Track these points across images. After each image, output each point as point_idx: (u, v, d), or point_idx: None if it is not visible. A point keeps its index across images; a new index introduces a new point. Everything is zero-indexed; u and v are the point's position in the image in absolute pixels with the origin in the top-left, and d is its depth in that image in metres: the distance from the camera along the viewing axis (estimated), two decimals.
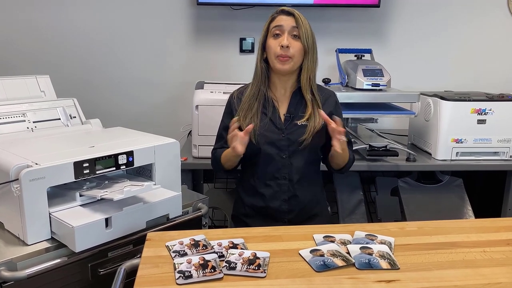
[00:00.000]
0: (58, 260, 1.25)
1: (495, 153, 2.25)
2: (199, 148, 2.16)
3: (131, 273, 1.22)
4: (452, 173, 2.47)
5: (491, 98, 2.22)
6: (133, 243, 1.42)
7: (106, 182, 1.47)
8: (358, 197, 2.50)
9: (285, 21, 1.55)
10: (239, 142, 1.47)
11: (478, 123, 2.20)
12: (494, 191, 2.41)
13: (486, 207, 2.43)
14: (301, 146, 1.57)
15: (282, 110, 1.63)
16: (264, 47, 1.61)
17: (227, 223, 2.49)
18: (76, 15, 2.71)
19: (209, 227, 1.74)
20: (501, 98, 2.22)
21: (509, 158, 2.25)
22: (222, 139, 1.70)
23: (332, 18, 2.76)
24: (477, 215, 2.33)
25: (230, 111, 1.69)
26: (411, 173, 2.47)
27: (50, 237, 1.29)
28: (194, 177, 2.28)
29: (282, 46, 1.53)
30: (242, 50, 2.79)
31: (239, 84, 2.32)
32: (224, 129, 1.70)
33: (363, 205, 2.48)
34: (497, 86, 2.77)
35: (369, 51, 2.55)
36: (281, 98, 1.64)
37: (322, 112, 1.51)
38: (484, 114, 2.19)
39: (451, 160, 2.24)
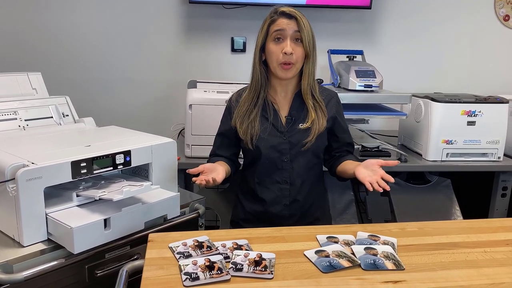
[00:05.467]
0: (55, 262, 1.22)
1: (484, 154, 2.29)
2: (192, 147, 2.14)
3: (131, 274, 1.20)
4: (440, 174, 2.51)
5: (480, 100, 2.25)
6: (131, 244, 1.39)
7: (103, 182, 1.44)
8: (348, 197, 2.51)
9: (287, 25, 1.48)
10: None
11: (468, 125, 2.23)
12: (481, 191, 2.46)
13: (474, 208, 2.48)
14: (303, 147, 1.54)
15: (283, 112, 1.59)
16: (262, 49, 1.54)
17: (219, 223, 2.48)
18: (67, 14, 2.65)
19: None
20: (489, 100, 2.26)
21: (497, 159, 2.29)
22: (216, 144, 1.67)
23: (324, 19, 2.77)
24: (465, 215, 2.37)
25: (228, 114, 1.63)
26: (400, 173, 2.50)
27: (46, 239, 1.26)
28: (185, 176, 2.26)
29: (286, 53, 1.47)
30: (233, 49, 2.77)
31: (232, 83, 2.33)
32: (221, 134, 1.66)
33: (354, 205, 2.50)
34: (484, 88, 2.82)
35: (360, 52, 2.57)
36: (282, 101, 1.59)
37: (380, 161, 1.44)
38: (474, 115, 2.23)
39: (441, 161, 2.27)
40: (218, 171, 1.45)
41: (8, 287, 1.13)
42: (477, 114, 2.23)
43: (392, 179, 1.36)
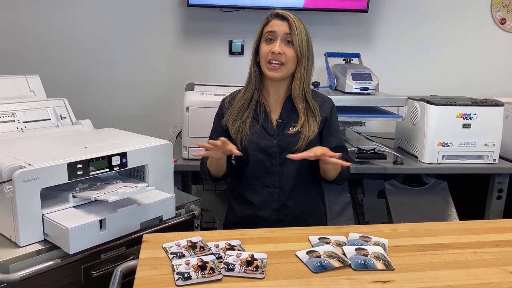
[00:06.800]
0: (51, 262, 1.24)
1: (479, 157, 2.31)
2: (189, 149, 2.16)
3: (126, 275, 1.22)
4: (436, 176, 2.52)
5: (475, 103, 2.27)
6: (126, 245, 1.41)
7: (99, 183, 1.46)
8: (345, 199, 2.52)
9: (278, 27, 1.50)
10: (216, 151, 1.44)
11: (463, 127, 2.25)
12: (477, 193, 2.47)
13: (470, 209, 2.49)
14: (293, 153, 1.49)
15: (274, 116, 1.58)
16: (257, 50, 1.56)
17: (216, 225, 2.49)
18: (65, 16, 2.68)
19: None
20: (485, 103, 2.28)
21: (492, 162, 2.31)
22: None
23: (321, 22, 2.79)
24: (461, 217, 2.38)
25: (221, 114, 1.65)
26: (397, 175, 2.51)
27: (42, 239, 1.28)
28: (183, 178, 2.28)
29: (273, 53, 1.48)
30: (231, 52, 2.79)
31: (230, 86, 2.35)
32: (214, 133, 1.67)
33: (351, 207, 2.50)
34: (480, 91, 2.84)
35: (357, 55, 2.59)
36: (274, 104, 1.59)
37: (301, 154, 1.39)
38: (469, 118, 2.24)
39: (437, 163, 2.28)
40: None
41: (4, 286, 1.14)
42: (472, 117, 2.24)
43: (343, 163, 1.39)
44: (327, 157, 1.36)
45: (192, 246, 1.17)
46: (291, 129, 1.55)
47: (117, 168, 1.42)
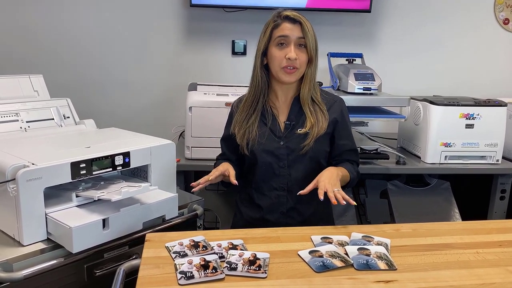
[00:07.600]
0: (54, 261, 1.24)
1: (482, 157, 2.30)
2: (192, 149, 2.16)
3: (129, 274, 1.22)
4: (439, 176, 2.51)
5: (478, 103, 2.26)
6: (129, 244, 1.41)
7: (102, 183, 1.47)
8: None
9: (291, 31, 1.45)
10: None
11: (466, 128, 2.24)
12: (480, 194, 2.46)
13: (473, 210, 2.48)
14: (302, 151, 1.50)
15: (282, 117, 1.55)
16: (264, 53, 1.51)
17: (219, 225, 2.50)
18: (69, 16, 2.68)
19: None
20: (488, 103, 2.27)
21: (495, 162, 2.30)
22: (222, 149, 1.68)
23: (323, 22, 2.79)
24: (464, 218, 2.38)
25: (231, 120, 1.62)
26: (399, 176, 2.51)
27: (46, 238, 1.29)
28: (185, 178, 2.28)
29: (290, 59, 1.44)
30: (234, 52, 2.80)
31: (233, 86, 2.35)
32: (224, 139, 1.65)
33: (353, 207, 2.50)
34: (483, 91, 2.83)
35: (360, 55, 2.59)
36: (281, 105, 1.56)
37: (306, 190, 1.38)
38: (472, 118, 2.24)
39: (440, 163, 2.28)
40: (228, 168, 1.48)
41: (8, 285, 1.15)
42: (475, 117, 2.24)
43: (348, 202, 1.32)
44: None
45: (195, 245, 1.18)
46: (300, 130, 1.52)
47: (120, 167, 1.42)
